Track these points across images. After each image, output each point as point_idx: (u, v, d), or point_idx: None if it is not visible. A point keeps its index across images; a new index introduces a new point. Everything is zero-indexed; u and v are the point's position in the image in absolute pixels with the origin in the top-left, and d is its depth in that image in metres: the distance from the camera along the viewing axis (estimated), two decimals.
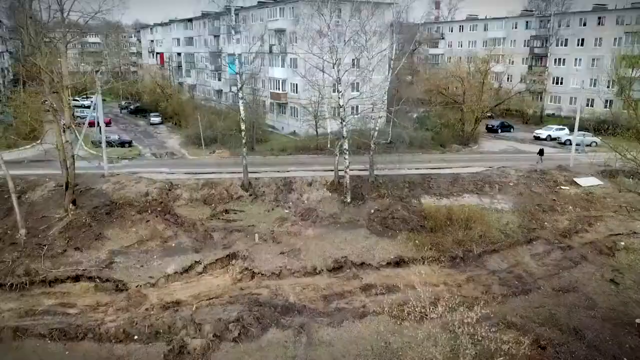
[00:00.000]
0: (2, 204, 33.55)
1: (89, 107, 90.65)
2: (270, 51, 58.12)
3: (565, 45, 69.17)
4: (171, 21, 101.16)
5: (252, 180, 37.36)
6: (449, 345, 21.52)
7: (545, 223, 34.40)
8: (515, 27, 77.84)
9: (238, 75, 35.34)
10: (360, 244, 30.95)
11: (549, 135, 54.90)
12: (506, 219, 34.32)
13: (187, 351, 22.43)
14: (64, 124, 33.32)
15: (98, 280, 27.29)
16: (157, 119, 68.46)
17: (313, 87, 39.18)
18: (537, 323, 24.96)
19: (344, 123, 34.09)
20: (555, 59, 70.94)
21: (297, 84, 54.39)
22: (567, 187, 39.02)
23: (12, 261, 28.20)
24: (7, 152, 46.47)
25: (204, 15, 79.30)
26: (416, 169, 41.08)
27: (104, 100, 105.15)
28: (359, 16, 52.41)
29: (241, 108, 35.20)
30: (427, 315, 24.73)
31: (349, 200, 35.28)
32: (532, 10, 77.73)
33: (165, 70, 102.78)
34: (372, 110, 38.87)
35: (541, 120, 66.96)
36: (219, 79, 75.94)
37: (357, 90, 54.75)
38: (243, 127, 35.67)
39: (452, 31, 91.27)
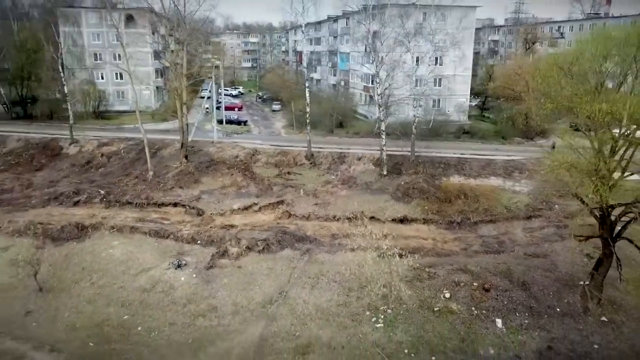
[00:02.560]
0: (144, 156, 48.40)
1: (236, 96, 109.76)
2: (366, 50, 66.82)
3: None
4: (308, 24, 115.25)
5: (315, 153, 47.19)
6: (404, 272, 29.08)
7: (556, 206, 38.09)
8: None
9: (305, 69, 45.34)
10: (378, 205, 38.79)
11: None
12: (517, 199, 38.86)
13: (227, 254, 33.18)
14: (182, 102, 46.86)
15: (187, 207, 39.74)
16: (277, 107, 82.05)
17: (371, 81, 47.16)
18: (492, 273, 30.38)
19: (381, 109, 41.89)
20: None
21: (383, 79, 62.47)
22: None
23: (140, 190, 42.24)
24: (162, 124, 63.43)
25: (329, 18, 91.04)
26: (461, 154, 46.73)
27: (249, 91, 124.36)
28: (443, 18, 59.13)
29: (307, 95, 45.23)
30: (402, 255, 32.05)
31: (385, 172, 43.03)
32: None
33: (297, 66, 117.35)
34: (414, 100, 45.55)
35: None
36: (334, 74, 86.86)
37: (439, 85, 61.35)
38: (308, 109, 45.62)
39: (572, 30, 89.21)
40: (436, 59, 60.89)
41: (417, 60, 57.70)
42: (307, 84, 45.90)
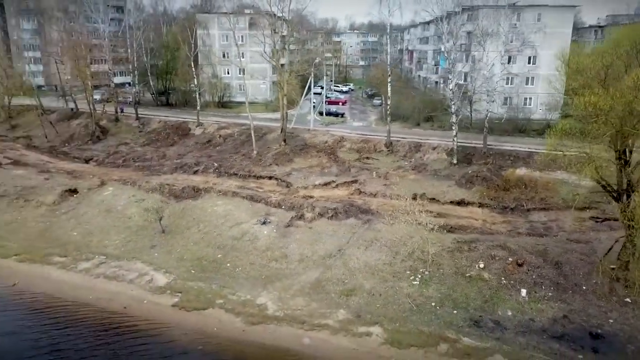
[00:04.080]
0: (252, 139, 57.68)
1: (346, 92, 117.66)
2: (461, 49, 69.73)
3: None
4: (420, 23, 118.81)
5: (395, 142, 52.49)
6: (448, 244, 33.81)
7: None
8: None
9: (388, 66, 50.74)
10: (441, 189, 43.11)
11: None
12: (577, 192, 40.49)
13: (303, 217, 40.28)
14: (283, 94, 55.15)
15: (279, 180, 47.69)
16: (377, 102, 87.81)
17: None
18: (528, 252, 33.44)
19: (452, 102, 45.85)
20: None
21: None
22: None
23: (245, 165, 51.30)
24: (273, 114, 72.70)
25: (435, 19, 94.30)
26: (535, 148, 48.70)
27: (359, 88, 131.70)
28: (539, 18, 60.66)
29: (389, 90, 50.61)
30: (450, 230, 36.53)
31: (454, 162, 46.96)
32: None
33: (409, 64, 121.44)
34: (487, 95, 48.52)
35: None
36: (436, 72, 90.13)
37: (532, 84, 62.88)
38: (389, 102, 51.02)
39: None
40: (529, 58, 62.44)
41: (510, 59, 60.05)
42: (389, 80, 51.33)
